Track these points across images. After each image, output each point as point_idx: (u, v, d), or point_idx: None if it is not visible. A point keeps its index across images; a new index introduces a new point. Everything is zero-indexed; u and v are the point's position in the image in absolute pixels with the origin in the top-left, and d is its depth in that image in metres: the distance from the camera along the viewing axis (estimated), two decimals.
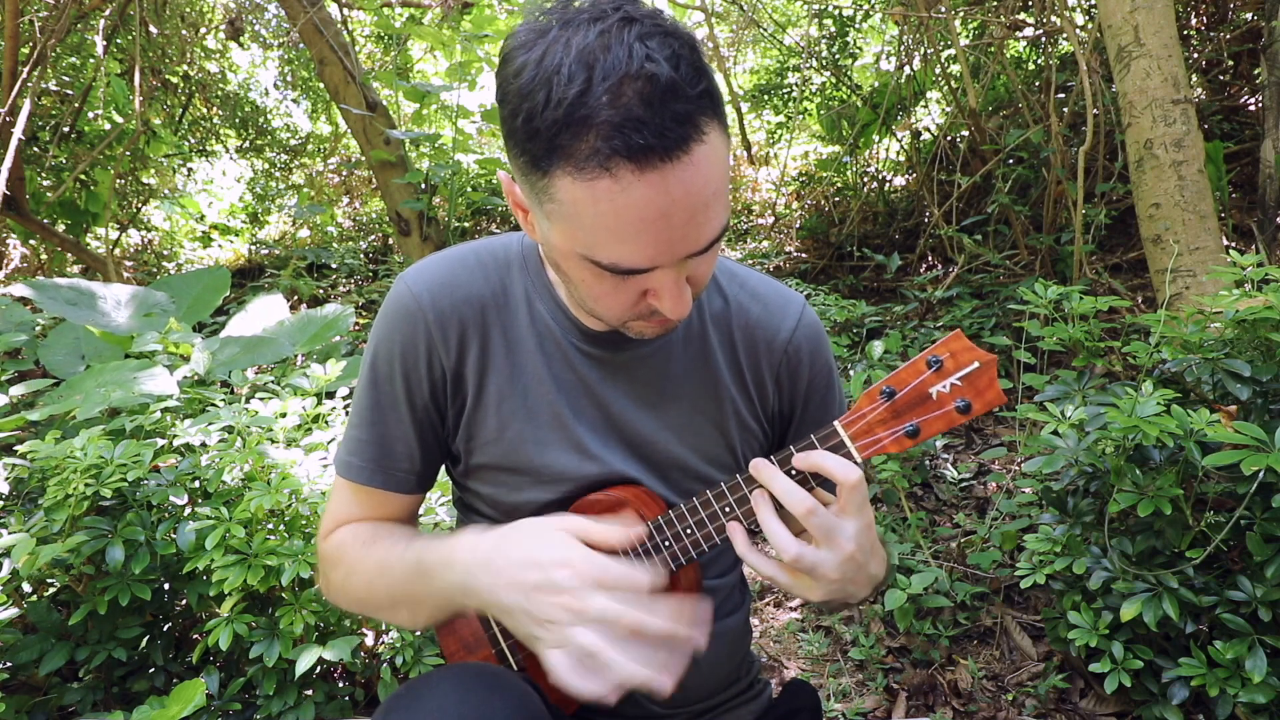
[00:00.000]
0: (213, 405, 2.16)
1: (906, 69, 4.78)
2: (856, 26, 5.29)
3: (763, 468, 0.81)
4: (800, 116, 6.07)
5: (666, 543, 0.88)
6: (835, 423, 0.82)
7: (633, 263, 0.73)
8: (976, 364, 0.78)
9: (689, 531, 0.87)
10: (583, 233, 0.72)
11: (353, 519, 1.01)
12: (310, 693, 1.73)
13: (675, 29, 0.69)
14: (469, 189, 6.30)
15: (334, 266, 5.92)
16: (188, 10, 6.36)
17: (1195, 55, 4.34)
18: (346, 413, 2.15)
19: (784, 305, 1.02)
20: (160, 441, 1.90)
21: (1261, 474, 1.41)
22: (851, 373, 3.27)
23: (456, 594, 0.86)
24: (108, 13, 5.00)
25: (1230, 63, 4.26)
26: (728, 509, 0.85)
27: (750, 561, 0.83)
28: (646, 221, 0.70)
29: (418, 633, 1.77)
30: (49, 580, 1.75)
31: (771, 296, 1.02)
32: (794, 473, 0.82)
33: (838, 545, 0.78)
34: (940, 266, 4.58)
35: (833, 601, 0.85)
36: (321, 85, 5.92)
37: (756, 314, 1.01)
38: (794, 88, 5.90)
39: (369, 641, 1.85)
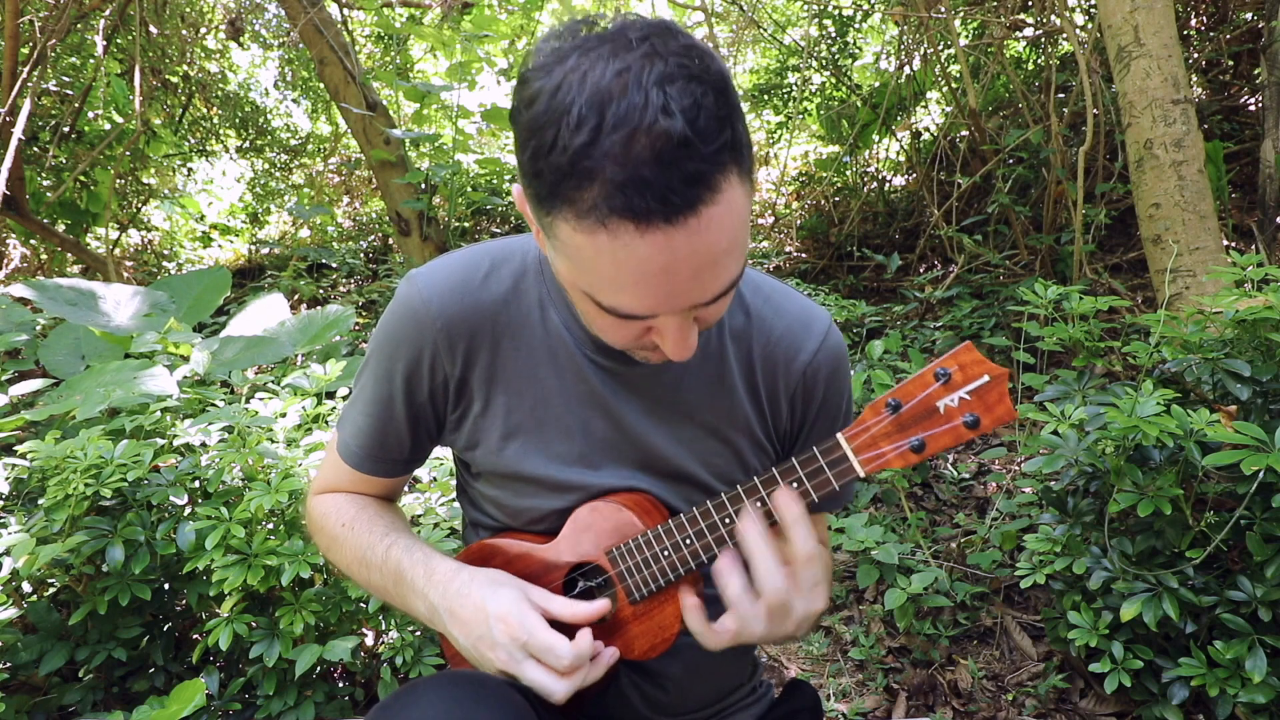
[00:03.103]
0: (213, 405, 2.16)
1: (906, 69, 4.78)
2: (856, 26, 5.28)
3: (749, 536, 0.82)
4: (800, 116, 6.06)
5: (665, 552, 0.88)
6: (838, 435, 0.79)
7: (632, 310, 0.72)
8: (986, 378, 0.75)
9: (688, 542, 0.87)
10: (584, 274, 0.71)
11: (340, 489, 1.07)
12: (310, 693, 1.72)
13: (703, 70, 0.64)
14: (469, 189, 6.29)
15: (334, 266, 5.92)
16: (188, 10, 6.35)
17: (1195, 55, 4.34)
18: None
19: (807, 325, 0.98)
20: (160, 441, 1.90)
21: (1261, 474, 1.41)
22: (851, 373, 3.27)
23: (425, 619, 0.93)
24: (108, 13, 5.00)
25: (1230, 63, 4.26)
26: (727, 520, 0.84)
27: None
28: (647, 275, 0.68)
29: (417, 632, 1.77)
30: (49, 580, 1.75)
31: (796, 314, 0.99)
32: (761, 506, 0.82)
33: (785, 621, 0.82)
34: (940, 266, 4.58)
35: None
36: (321, 85, 5.92)
37: (779, 332, 0.98)
38: (794, 88, 5.89)
39: (369, 641, 1.85)
